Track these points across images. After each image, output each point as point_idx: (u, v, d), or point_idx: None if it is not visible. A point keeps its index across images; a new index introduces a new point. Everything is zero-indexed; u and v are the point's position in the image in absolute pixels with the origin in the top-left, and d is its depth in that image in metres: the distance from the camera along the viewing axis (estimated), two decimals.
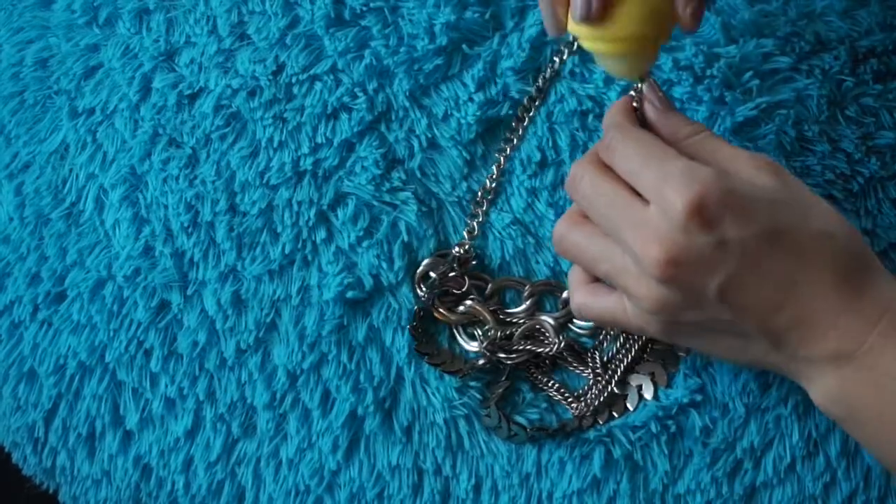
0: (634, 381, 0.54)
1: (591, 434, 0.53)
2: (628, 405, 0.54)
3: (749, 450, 0.52)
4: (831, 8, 0.56)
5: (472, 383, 0.54)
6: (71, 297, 0.57)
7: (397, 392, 0.54)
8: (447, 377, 0.54)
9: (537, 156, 0.56)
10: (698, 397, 0.53)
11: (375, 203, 0.56)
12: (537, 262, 0.56)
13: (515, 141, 0.56)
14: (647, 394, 0.54)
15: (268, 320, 0.55)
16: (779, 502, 0.53)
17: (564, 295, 0.55)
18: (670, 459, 0.53)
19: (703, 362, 0.54)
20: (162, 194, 0.57)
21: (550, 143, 0.56)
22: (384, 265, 0.55)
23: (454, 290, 0.55)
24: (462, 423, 0.54)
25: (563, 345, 0.54)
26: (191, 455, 0.55)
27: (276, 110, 0.57)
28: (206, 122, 0.58)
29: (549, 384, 0.55)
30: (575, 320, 0.55)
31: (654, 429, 0.53)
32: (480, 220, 0.56)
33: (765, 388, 0.53)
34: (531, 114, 0.56)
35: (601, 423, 0.54)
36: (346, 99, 0.57)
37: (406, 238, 0.55)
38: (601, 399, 0.54)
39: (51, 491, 0.60)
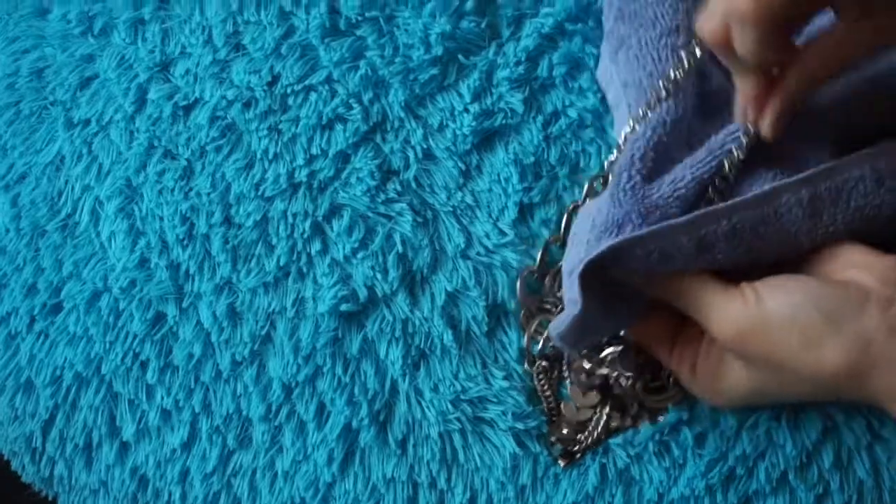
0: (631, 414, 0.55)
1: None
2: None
3: (742, 457, 0.52)
4: None
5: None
6: (67, 309, 0.57)
7: (392, 405, 0.54)
8: (441, 390, 0.54)
9: None
10: (686, 414, 0.53)
11: (371, 214, 0.56)
12: None
13: None
14: (642, 424, 0.54)
15: (263, 333, 0.55)
16: None
17: None
18: (665, 469, 0.53)
19: None
20: (157, 206, 0.57)
21: None
22: (379, 276, 0.55)
23: None
24: (457, 437, 0.54)
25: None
26: (187, 466, 0.56)
27: (272, 121, 0.57)
28: (202, 134, 0.58)
29: (548, 396, 0.55)
30: None
31: (650, 445, 0.53)
32: None
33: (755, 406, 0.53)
34: None
35: (592, 447, 0.54)
36: (341, 110, 0.57)
37: (401, 249, 0.55)
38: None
39: (50, 499, 0.60)
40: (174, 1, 0.60)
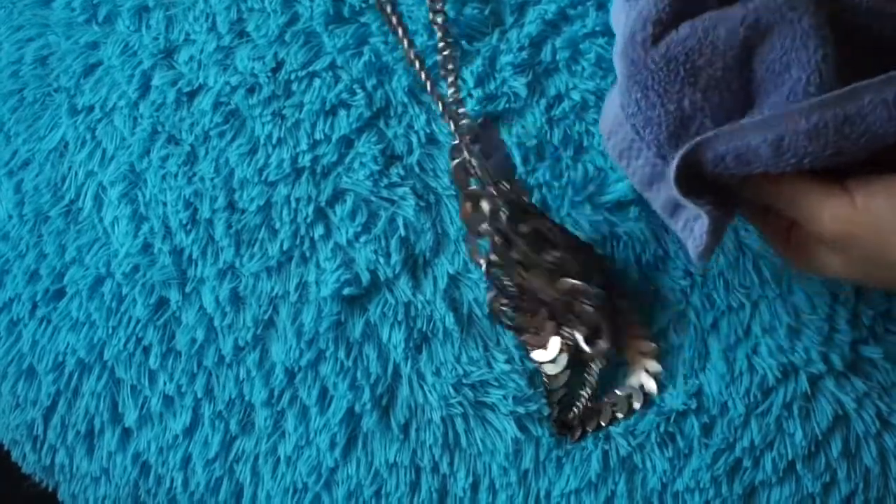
0: (622, 391, 0.54)
1: (589, 437, 0.53)
2: (618, 415, 0.54)
3: (749, 448, 0.52)
4: None
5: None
6: (70, 295, 0.57)
7: (394, 389, 0.54)
8: (443, 373, 0.54)
9: None
10: (694, 403, 0.52)
11: (374, 199, 0.56)
12: None
13: None
14: (637, 404, 0.54)
15: (266, 317, 0.55)
16: (777, 501, 0.52)
17: None
18: (669, 459, 0.52)
19: (700, 364, 0.53)
20: (161, 191, 0.57)
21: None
22: (381, 260, 0.55)
23: None
24: (459, 421, 0.53)
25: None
26: (189, 452, 0.55)
27: (275, 107, 0.57)
28: (205, 120, 0.58)
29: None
30: None
31: (653, 435, 0.52)
32: None
33: (767, 393, 0.52)
34: None
35: (590, 430, 0.54)
36: (344, 95, 0.57)
37: (404, 233, 0.55)
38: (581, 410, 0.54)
39: (50, 489, 0.60)
40: None
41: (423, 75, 0.54)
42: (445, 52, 0.56)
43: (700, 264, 0.50)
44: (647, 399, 0.54)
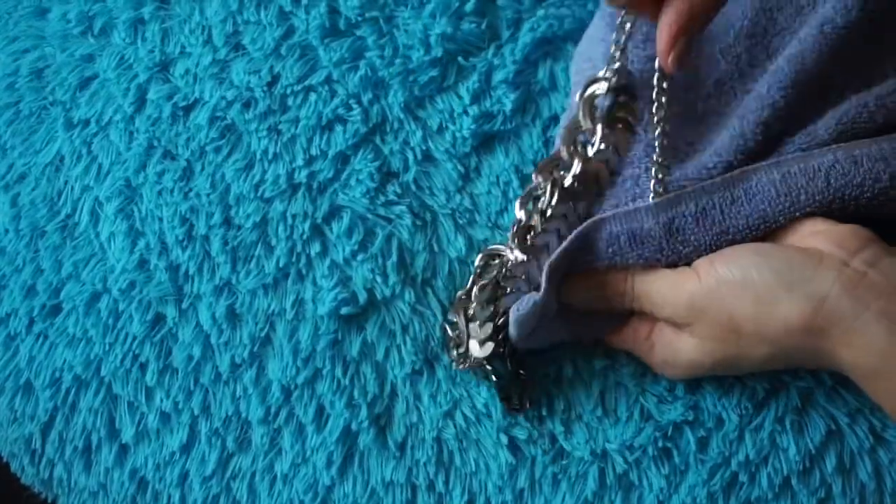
0: None
1: (586, 453, 0.53)
2: None
3: (745, 463, 0.52)
4: None
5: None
6: (66, 310, 0.57)
7: (391, 408, 0.54)
8: (440, 393, 0.54)
9: None
10: (692, 415, 0.52)
11: (370, 216, 0.56)
12: None
13: None
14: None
15: (262, 335, 0.55)
16: None
17: None
18: (665, 476, 0.52)
19: (695, 380, 0.53)
20: (157, 207, 0.57)
21: None
22: (378, 279, 0.55)
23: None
24: (453, 442, 0.54)
25: None
26: (186, 469, 0.55)
27: (271, 122, 0.57)
28: (201, 134, 0.57)
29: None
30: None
31: (650, 450, 0.52)
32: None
33: (759, 407, 0.52)
34: None
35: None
36: (340, 110, 0.57)
37: (400, 252, 0.55)
38: None
39: (49, 501, 0.60)
40: (174, 1, 0.60)
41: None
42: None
43: (515, 333, 0.51)
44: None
